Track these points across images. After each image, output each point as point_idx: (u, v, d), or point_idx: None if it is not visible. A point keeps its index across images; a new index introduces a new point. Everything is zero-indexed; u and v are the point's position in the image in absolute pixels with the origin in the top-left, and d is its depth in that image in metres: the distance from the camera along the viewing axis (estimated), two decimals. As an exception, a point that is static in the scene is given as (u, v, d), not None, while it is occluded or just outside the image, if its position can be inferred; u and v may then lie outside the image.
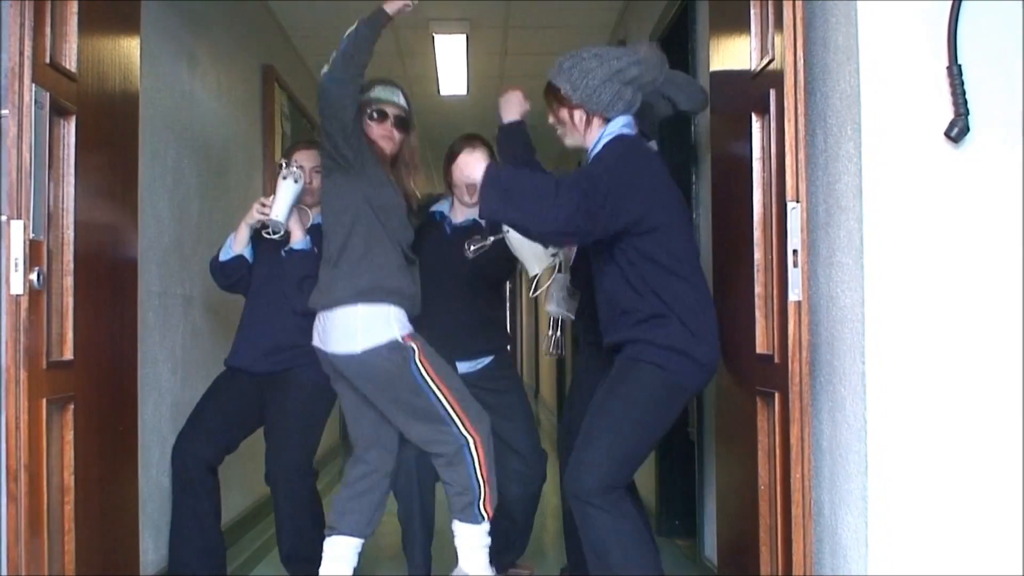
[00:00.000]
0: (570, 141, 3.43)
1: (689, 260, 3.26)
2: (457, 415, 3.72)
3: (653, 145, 3.55)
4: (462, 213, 4.35)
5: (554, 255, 3.47)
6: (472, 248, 3.80)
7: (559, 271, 3.47)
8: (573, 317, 4.01)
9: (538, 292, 3.47)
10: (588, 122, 3.34)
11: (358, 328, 3.65)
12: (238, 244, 4.25)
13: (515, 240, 3.52)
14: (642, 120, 3.47)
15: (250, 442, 4.37)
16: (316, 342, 3.79)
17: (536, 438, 4.45)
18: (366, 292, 3.66)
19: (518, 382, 4.53)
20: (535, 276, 3.44)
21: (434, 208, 4.43)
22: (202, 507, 4.15)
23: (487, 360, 4.36)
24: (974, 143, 2.64)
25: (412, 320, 3.80)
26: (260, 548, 5.34)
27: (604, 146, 3.30)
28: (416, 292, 3.83)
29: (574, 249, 3.71)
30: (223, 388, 4.30)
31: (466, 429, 3.72)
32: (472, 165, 3.31)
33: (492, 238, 3.66)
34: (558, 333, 4.03)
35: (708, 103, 3.66)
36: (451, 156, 4.29)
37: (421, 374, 3.67)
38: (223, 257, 4.28)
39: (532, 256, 3.46)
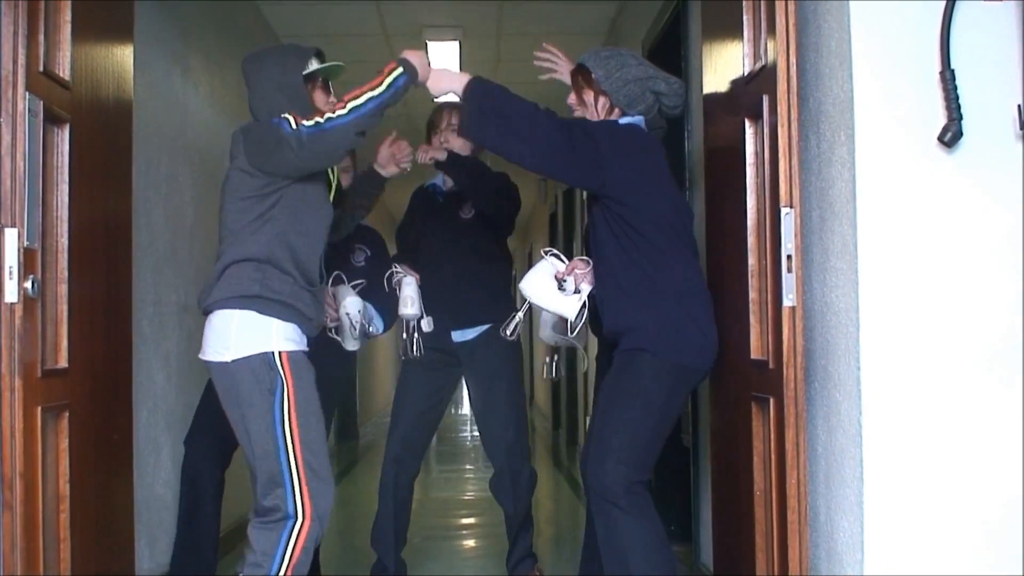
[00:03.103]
0: None
1: (685, 246, 3.30)
2: (299, 482, 3.20)
3: None
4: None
5: (576, 292, 3.50)
6: (509, 332, 3.82)
7: (586, 308, 3.48)
8: (574, 343, 3.86)
9: (575, 331, 3.48)
10: (609, 112, 3.43)
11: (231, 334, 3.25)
12: None
13: (542, 301, 3.53)
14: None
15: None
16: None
17: (510, 429, 4.51)
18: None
19: (509, 362, 4.53)
20: (575, 321, 3.48)
21: (428, 183, 4.67)
22: (207, 509, 4.18)
23: (484, 328, 4.46)
24: (967, 148, 2.64)
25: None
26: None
27: None
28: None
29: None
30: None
31: (301, 503, 3.20)
32: (446, 77, 3.33)
33: (521, 312, 3.73)
34: (555, 357, 4.00)
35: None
36: (431, 124, 4.50)
37: (282, 414, 3.21)
38: None
39: (563, 307, 3.50)
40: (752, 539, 3.06)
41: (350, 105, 3.18)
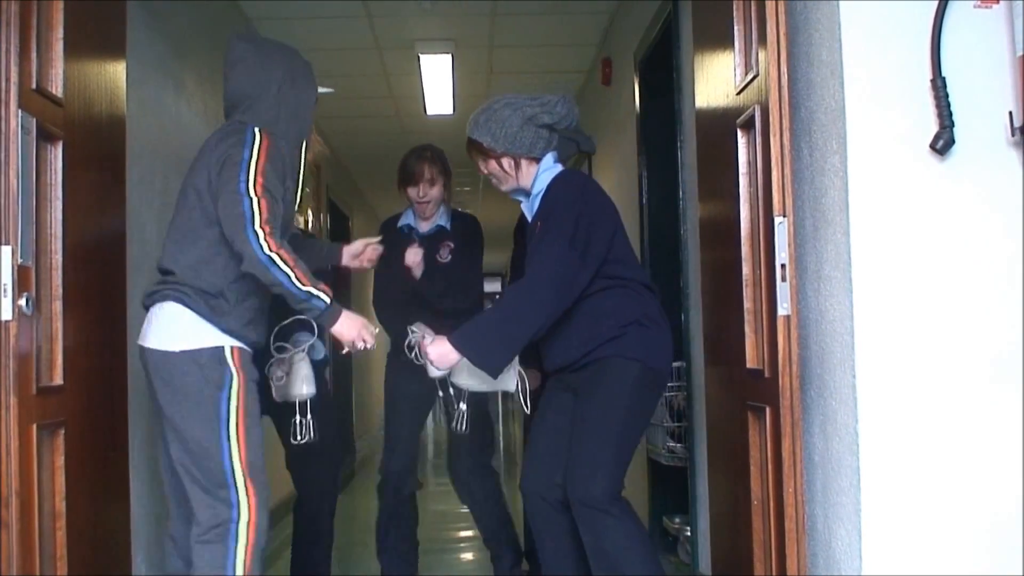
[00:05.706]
0: (506, 187, 3.56)
1: (640, 276, 3.39)
2: (243, 480, 3.09)
3: None
4: (427, 224, 4.64)
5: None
6: (460, 426, 3.66)
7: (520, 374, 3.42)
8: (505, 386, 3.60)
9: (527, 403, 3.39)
10: (517, 165, 3.47)
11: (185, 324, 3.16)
12: None
13: (480, 388, 3.46)
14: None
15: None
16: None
17: (483, 447, 4.65)
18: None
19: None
20: (515, 391, 3.42)
21: (401, 223, 4.71)
22: None
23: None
24: (960, 155, 2.65)
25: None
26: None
27: (549, 185, 3.40)
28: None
29: None
30: None
31: (246, 498, 3.09)
32: (444, 356, 3.24)
33: (463, 404, 3.58)
34: (462, 406, 3.71)
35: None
36: (403, 171, 4.59)
37: (228, 411, 3.11)
38: None
39: (501, 383, 3.42)
40: (750, 548, 3.06)
41: (285, 262, 3.03)
